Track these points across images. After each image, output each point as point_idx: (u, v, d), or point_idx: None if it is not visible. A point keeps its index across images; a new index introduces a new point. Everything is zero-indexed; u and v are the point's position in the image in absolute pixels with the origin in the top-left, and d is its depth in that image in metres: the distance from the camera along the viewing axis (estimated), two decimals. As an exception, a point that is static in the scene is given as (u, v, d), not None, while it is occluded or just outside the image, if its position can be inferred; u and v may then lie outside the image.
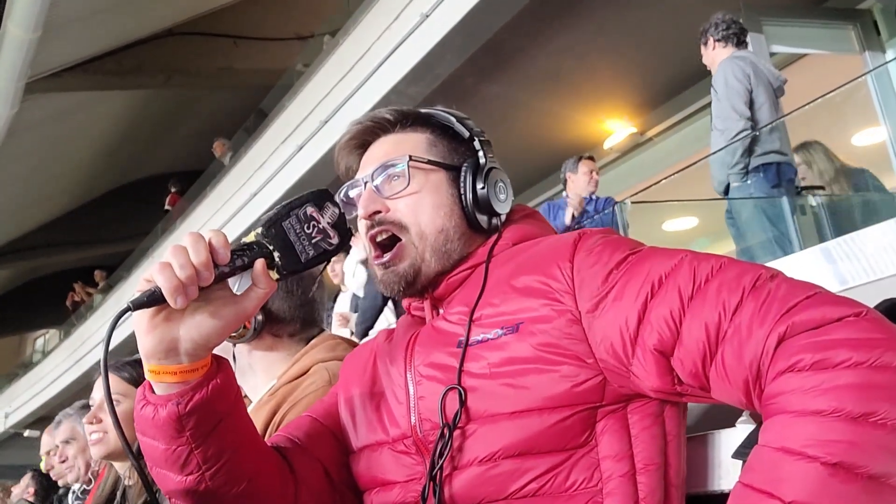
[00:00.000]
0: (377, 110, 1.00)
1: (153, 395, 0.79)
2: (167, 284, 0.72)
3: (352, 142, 1.01)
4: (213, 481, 0.81)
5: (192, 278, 0.73)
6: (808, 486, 0.59)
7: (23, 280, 15.80)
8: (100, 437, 1.80)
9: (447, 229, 0.93)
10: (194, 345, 0.76)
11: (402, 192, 0.93)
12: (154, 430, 0.79)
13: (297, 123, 7.44)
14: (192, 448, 0.79)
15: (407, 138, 0.98)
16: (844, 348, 0.62)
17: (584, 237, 0.85)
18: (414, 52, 5.77)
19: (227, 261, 0.75)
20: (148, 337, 0.76)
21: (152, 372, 0.77)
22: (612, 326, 0.76)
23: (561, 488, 0.77)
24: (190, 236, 0.75)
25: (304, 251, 0.80)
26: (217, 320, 0.76)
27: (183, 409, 0.77)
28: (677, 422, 0.81)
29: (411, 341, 0.90)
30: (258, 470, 0.85)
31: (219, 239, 0.75)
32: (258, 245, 0.78)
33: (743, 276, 0.72)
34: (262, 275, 0.77)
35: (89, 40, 9.24)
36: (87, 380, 11.09)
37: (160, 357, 0.76)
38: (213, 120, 11.71)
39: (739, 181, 3.35)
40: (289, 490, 0.89)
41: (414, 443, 0.85)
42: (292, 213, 0.81)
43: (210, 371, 0.79)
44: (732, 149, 3.33)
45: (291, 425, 0.99)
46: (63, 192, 13.19)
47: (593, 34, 5.75)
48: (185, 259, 0.73)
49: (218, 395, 0.79)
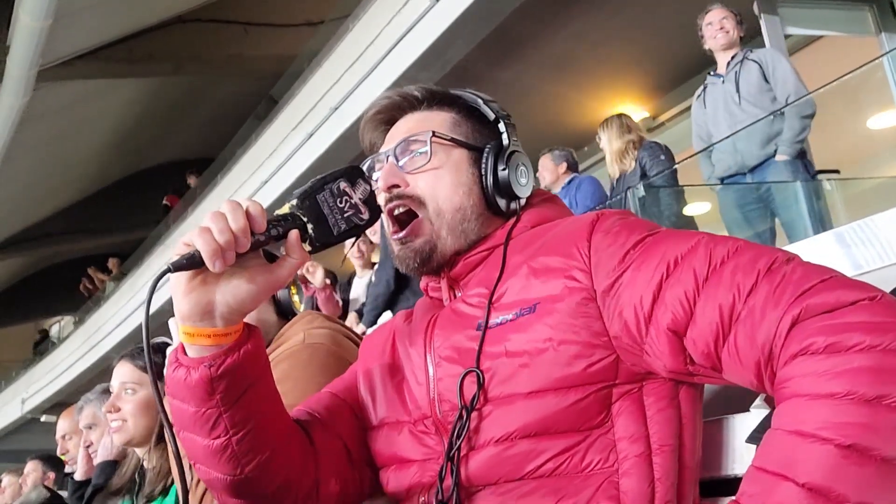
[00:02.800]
0: (406, 87, 1.01)
1: (186, 358, 0.80)
2: (206, 248, 0.74)
3: (378, 116, 1.02)
4: (239, 446, 0.82)
5: (231, 243, 0.74)
6: (822, 468, 0.60)
7: (37, 268, 15.95)
8: (119, 424, 1.82)
9: (465, 208, 0.93)
10: (229, 309, 0.78)
11: (422, 168, 0.93)
12: (185, 391, 0.80)
13: (308, 110, 7.44)
14: (222, 411, 0.80)
15: (433, 116, 0.98)
16: (858, 331, 0.62)
17: (602, 218, 0.85)
18: (424, 38, 5.74)
19: (264, 229, 0.77)
20: (185, 299, 0.77)
21: (187, 334, 0.79)
22: (627, 305, 0.77)
23: (577, 468, 0.77)
24: (228, 203, 0.76)
25: (336, 224, 0.82)
26: (252, 286, 0.78)
27: (215, 372, 0.78)
28: (692, 404, 0.81)
29: (431, 324, 0.91)
30: (282, 440, 0.87)
31: (256, 207, 0.77)
32: (292, 217, 0.80)
33: (758, 258, 0.72)
34: (296, 245, 0.79)
35: (100, 28, 9.25)
36: (102, 366, 11.21)
37: (195, 319, 0.78)
38: (224, 107, 11.72)
39: (792, 156, 3.30)
40: (309, 463, 0.90)
41: (433, 423, 0.86)
42: (326, 187, 0.82)
43: (242, 337, 0.81)
44: (800, 122, 3.26)
45: (312, 400, 1.00)
46: (76, 181, 13.27)
47: (605, 18, 5.71)
48: (224, 224, 0.74)
49: (249, 361, 0.80)
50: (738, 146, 3.46)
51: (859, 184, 4.23)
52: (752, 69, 3.45)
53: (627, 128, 4.05)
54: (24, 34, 8.03)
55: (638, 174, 3.94)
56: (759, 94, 3.42)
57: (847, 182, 3.85)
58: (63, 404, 10.96)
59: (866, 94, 4.04)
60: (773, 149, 3.35)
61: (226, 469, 0.84)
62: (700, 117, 3.72)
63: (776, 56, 3.52)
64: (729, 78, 3.51)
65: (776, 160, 3.35)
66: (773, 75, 3.40)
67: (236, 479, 0.84)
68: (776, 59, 3.47)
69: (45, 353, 14.71)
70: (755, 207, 3.49)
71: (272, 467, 0.85)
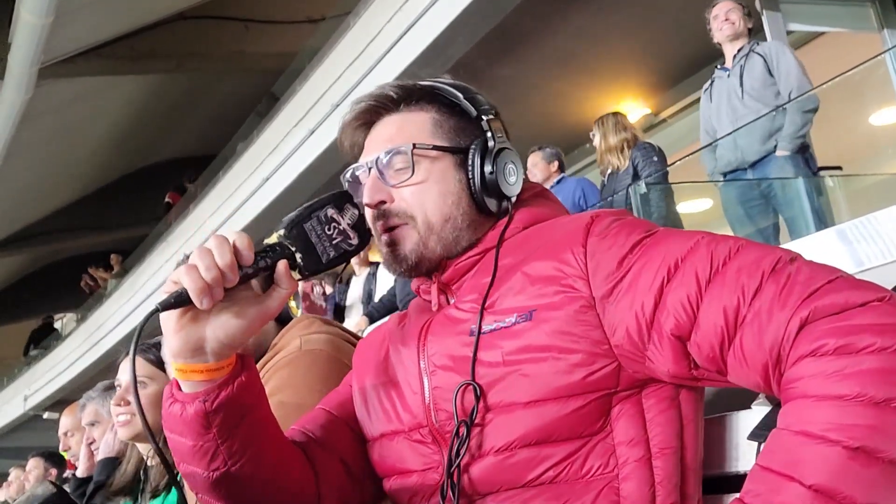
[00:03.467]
0: (381, 85, 0.97)
1: (180, 393, 0.80)
2: (193, 286, 0.73)
3: (354, 122, 0.99)
4: (239, 475, 0.82)
5: (218, 280, 0.74)
6: (829, 469, 0.59)
7: (39, 265, 15.95)
8: (127, 419, 1.81)
9: (454, 217, 0.91)
10: (220, 344, 0.78)
11: (406, 182, 0.91)
12: (182, 426, 0.80)
13: (309, 108, 7.43)
14: (219, 443, 0.80)
15: (411, 119, 0.95)
16: (868, 333, 0.62)
17: (597, 220, 0.83)
18: (425, 35, 5.73)
19: (251, 262, 0.77)
20: (175, 337, 0.77)
21: (179, 371, 0.79)
22: (628, 312, 0.76)
23: (577, 475, 0.77)
24: (215, 239, 0.76)
25: (324, 252, 0.82)
26: (242, 320, 0.78)
27: (210, 407, 0.78)
28: (693, 405, 0.81)
29: (424, 330, 0.90)
30: (282, 463, 0.86)
31: (243, 241, 0.77)
32: (280, 246, 0.80)
33: (762, 259, 0.71)
34: (285, 275, 0.79)
35: (102, 25, 9.24)
36: (104, 363, 11.23)
37: (187, 356, 0.78)
38: (225, 104, 11.71)
39: (792, 151, 3.28)
40: (309, 484, 0.89)
41: (430, 432, 0.85)
42: (313, 215, 0.82)
43: (235, 369, 0.80)
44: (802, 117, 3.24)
45: (305, 419, 0.99)
46: (78, 177, 13.27)
47: (606, 15, 5.69)
48: (211, 261, 0.74)
49: (243, 392, 0.80)
50: (738, 141, 3.44)
51: (861, 181, 4.22)
52: (757, 63, 3.43)
53: (623, 126, 4.10)
54: (25, 31, 8.02)
55: (630, 173, 3.95)
56: (763, 89, 3.40)
57: (849, 179, 3.84)
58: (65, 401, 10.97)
59: (869, 91, 4.02)
60: (773, 144, 3.32)
61: (227, 499, 0.84)
62: (706, 111, 3.71)
63: (781, 49, 3.49)
64: (734, 71, 3.50)
65: (776, 155, 3.32)
66: (777, 69, 3.38)
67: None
68: (780, 51, 3.45)
69: (48, 347, 14.72)
70: (758, 203, 3.47)
71: (273, 491, 0.85)
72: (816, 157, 3.52)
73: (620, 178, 4.00)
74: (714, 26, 3.57)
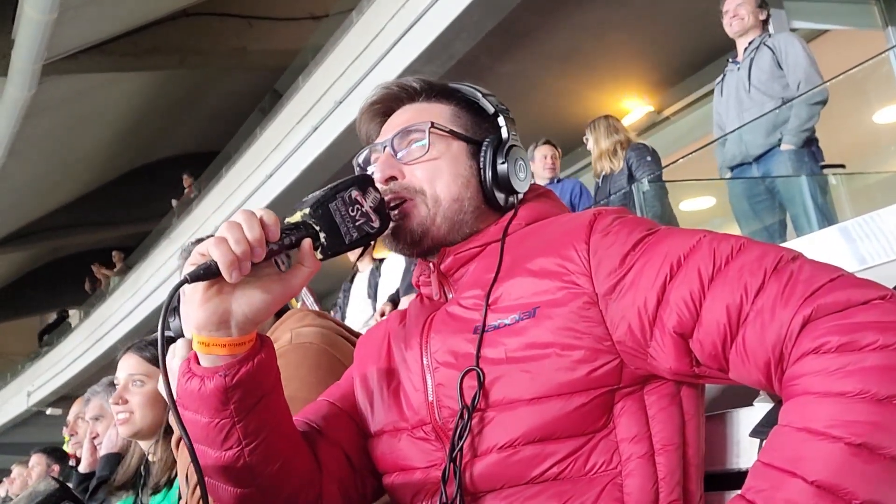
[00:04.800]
0: (405, 77, 1.00)
1: (199, 368, 0.79)
2: (223, 259, 0.73)
3: (375, 106, 1.00)
4: (251, 457, 0.82)
5: (247, 253, 0.74)
6: (832, 465, 0.60)
7: (43, 261, 16.00)
8: (126, 417, 1.81)
9: (462, 199, 0.92)
10: (245, 318, 0.78)
11: (420, 159, 0.92)
12: (199, 402, 0.80)
13: (312, 104, 7.44)
14: (235, 421, 0.80)
15: (431, 107, 0.97)
16: (871, 331, 0.62)
17: (600, 217, 0.83)
18: (429, 31, 5.73)
19: (278, 238, 0.77)
20: (201, 309, 0.77)
21: (202, 343, 0.78)
22: (631, 308, 0.76)
23: (581, 472, 0.77)
24: (243, 213, 0.76)
25: (348, 233, 0.82)
26: (267, 295, 0.78)
27: (230, 381, 0.78)
28: (695, 402, 0.81)
29: (426, 327, 0.89)
30: (292, 450, 0.86)
31: (270, 216, 0.77)
32: (304, 225, 0.80)
33: (764, 257, 0.71)
34: (309, 254, 0.79)
35: (105, 21, 9.26)
36: (107, 359, 11.25)
37: (211, 329, 0.78)
38: (228, 101, 11.73)
39: (797, 145, 3.24)
40: (314, 473, 0.90)
41: (433, 429, 0.85)
42: (338, 196, 0.82)
43: (255, 346, 0.80)
44: (808, 111, 3.22)
45: (309, 410, 0.99)
46: (81, 174, 13.29)
47: (609, 12, 5.68)
48: (241, 234, 0.74)
49: (262, 371, 0.80)
50: (743, 135, 3.42)
51: (865, 178, 4.21)
52: (766, 55, 3.40)
53: (615, 129, 4.12)
54: (29, 28, 8.05)
55: (625, 174, 3.96)
56: (770, 81, 3.37)
57: (852, 176, 3.83)
58: (69, 397, 11.01)
59: (872, 89, 4.01)
60: (777, 137, 3.28)
61: (236, 482, 0.83)
62: (718, 105, 3.68)
63: (790, 41, 3.44)
64: (744, 64, 3.47)
65: (780, 149, 3.30)
66: (785, 61, 3.35)
67: (245, 492, 0.84)
68: (789, 43, 3.41)
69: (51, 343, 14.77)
70: (763, 199, 3.44)
71: (282, 478, 0.85)
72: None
73: (615, 180, 4.02)
74: (724, 21, 3.57)
